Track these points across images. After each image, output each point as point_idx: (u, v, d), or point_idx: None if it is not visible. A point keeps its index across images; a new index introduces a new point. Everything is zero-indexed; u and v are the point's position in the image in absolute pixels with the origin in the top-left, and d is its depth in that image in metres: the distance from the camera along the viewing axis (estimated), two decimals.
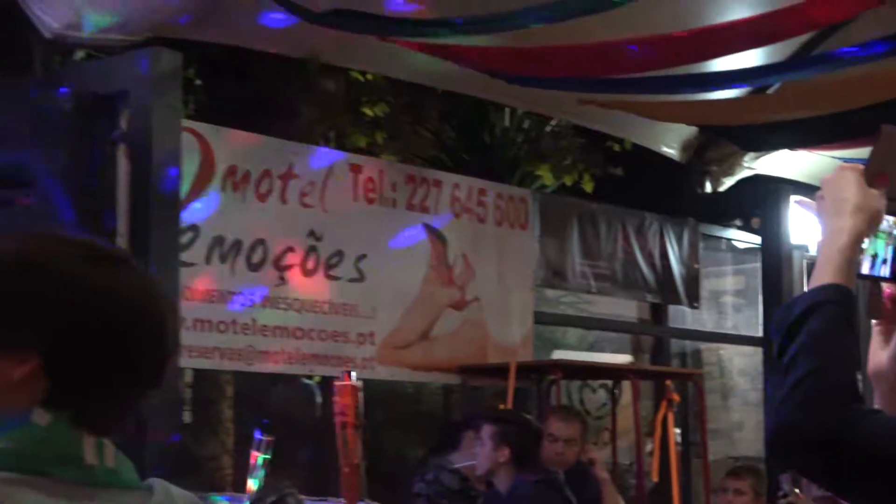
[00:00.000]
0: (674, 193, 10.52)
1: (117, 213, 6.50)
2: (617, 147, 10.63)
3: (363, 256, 8.07)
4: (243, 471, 6.11)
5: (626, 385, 9.06)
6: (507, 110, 10.30)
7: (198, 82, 7.83)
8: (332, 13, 6.82)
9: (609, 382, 9.62)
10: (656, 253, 10.16)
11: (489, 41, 7.14)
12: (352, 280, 8.02)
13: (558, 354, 9.40)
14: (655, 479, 9.01)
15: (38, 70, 6.78)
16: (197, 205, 7.19)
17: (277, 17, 6.85)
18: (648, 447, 9.27)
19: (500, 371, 8.35)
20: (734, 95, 8.40)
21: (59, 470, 1.54)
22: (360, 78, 9.27)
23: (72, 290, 1.60)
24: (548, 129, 10.70)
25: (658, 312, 10.74)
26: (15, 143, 6.00)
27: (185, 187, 6.96)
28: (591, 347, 10.98)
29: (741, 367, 12.33)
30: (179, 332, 1.76)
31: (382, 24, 7.05)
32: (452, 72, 7.79)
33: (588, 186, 10.74)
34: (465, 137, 10.15)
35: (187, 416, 8.10)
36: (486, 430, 5.70)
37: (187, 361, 6.98)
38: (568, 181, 10.67)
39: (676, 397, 9.02)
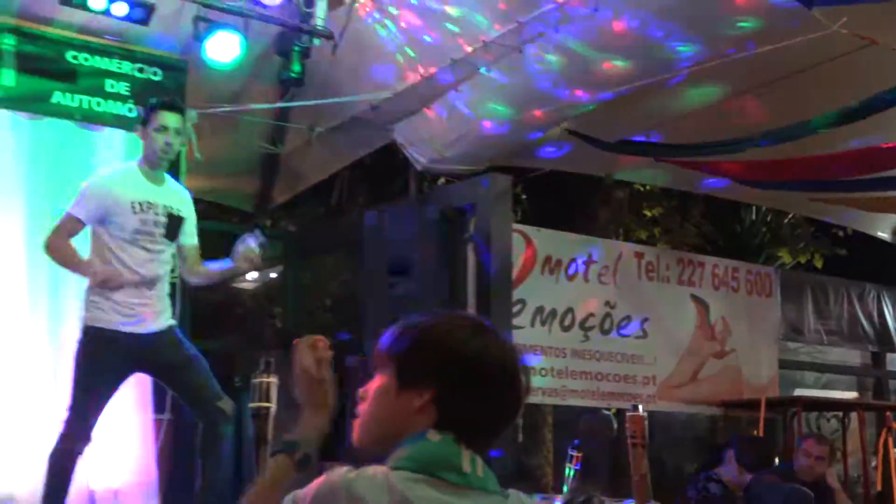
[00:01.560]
0: (888, 267, 10.05)
1: (467, 291, 6.67)
2: (841, 233, 10.24)
3: (646, 319, 8.03)
4: (560, 478, 6.13)
5: (853, 416, 8.67)
6: (754, 207, 10.04)
7: (523, 196, 7.98)
8: (620, 142, 6.87)
9: (840, 413, 9.17)
10: (874, 313, 9.76)
11: (736, 157, 7.02)
12: (637, 337, 7.98)
13: (798, 392, 9.02)
14: (879, 488, 8.53)
15: (414, 192, 7.04)
16: (524, 284, 7.32)
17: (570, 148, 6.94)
18: (873, 463, 8.84)
19: (753, 405, 8.14)
20: None
21: (445, 473, 1.58)
22: (641, 188, 9.25)
23: (457, 350, 1.66)
24: (786, 220, 10.38)
25: (878, 359, 10.26)
26: (400, 245, 6.26)
27: (514, 272, 7.11)
28: (825, 386, 10.47)
29: None
30: (529, 380, 1.75)
31: (656, 149, 7.04)
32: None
33: (818, 263, 10.36)
34: (722, 229, 9.94)
35: (520, 438, 8.23)
36: (728, 453, 5.63)
37: None
38: (802, 259, 10.33)
39: (895, 425, 8.56)
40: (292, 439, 1.82)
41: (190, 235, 4.69)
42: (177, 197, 4.69)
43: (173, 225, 4.50)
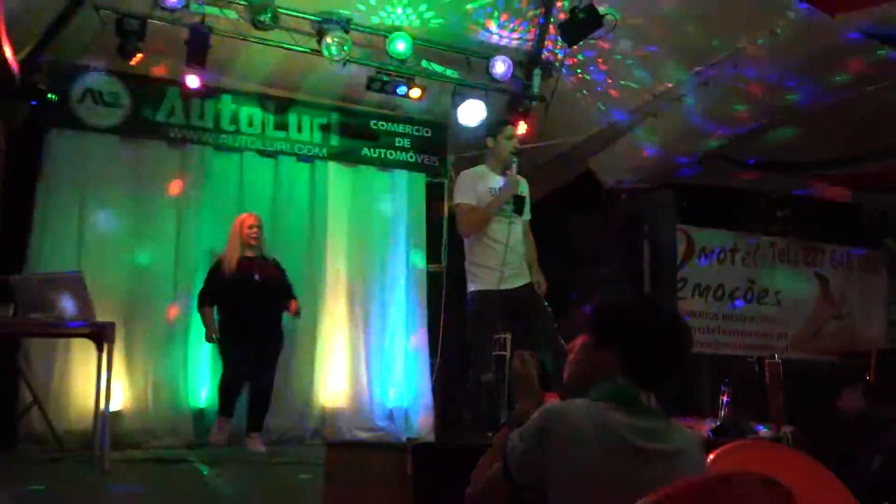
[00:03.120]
0: None
1: (644, 273, 6.57)
2: None
3: (779, 291, 7.63)
4: (716, 408, 5.94)
5: None
6: (864, 204, 9.23)
7: (684, 203, 7.71)
8: (752, 163, 6.57)
9: None
10: None
11: (842, 170, 6.59)
12: (773, 304, 7.60)
13: None
14: None
15: (604, 203, 6.98)
16: (685, 268, 7.13)
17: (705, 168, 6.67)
18: None
19: (865, 355, 7.56)
20: None
21: (628, 405, 1.61)
22: (774, 193, 8.71)
23: (637, 321, 1.69)
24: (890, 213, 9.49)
25: None
26: (593, 242, 6.25)
27: (678, 259, 6.93)
28: None
29: None
30: (690, 339, 1.73)
31: (780, 166, 6.68)
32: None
33: None
34: (839, 222, 9.20)
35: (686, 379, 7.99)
36: (845, 390, 5.28)
37: None
38: None
39: None
40: (514, 416, 1.83)
41: (526, 213, 4.43)
42: (518, 183, 4.39)
43: (518, 203, 4.29)
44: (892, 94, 4.91)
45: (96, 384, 4.21)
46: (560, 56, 5.96)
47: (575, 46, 5.55)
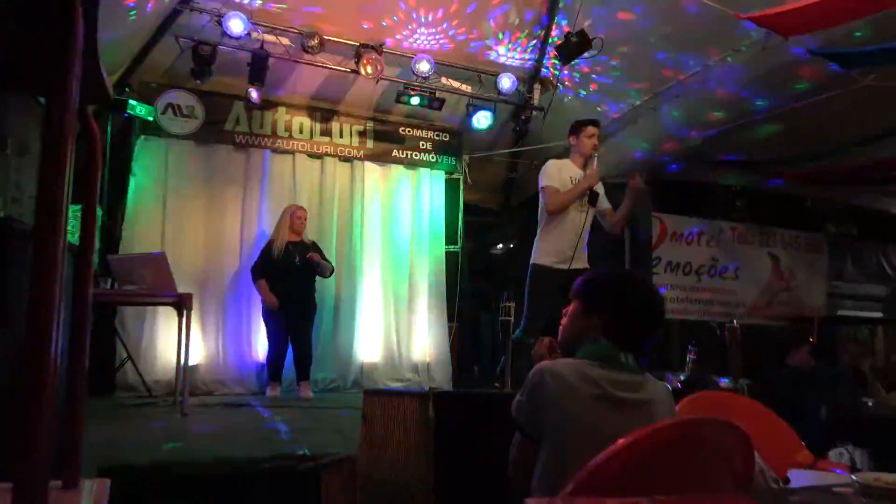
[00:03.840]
0: None
1: (625, 253, 6.50)
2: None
3: (738, 268, 7.52)
4: (684, 364, 5.89)
5: (879, 328, 7.80)
6: (809, 196, 9.01)
7: (659, 195, 7.54)
8: (719, 161, 6.44)
9: (870, 326, 8.23)
10: (893, 262, 8.57)
11: (795, 167, 6.41)
12: (732, 278, 7.49)
13: (841, 312, 8.18)
14: None
15: (592, 195, 6.84)
16: (659, 248, 7.04)
17: (677, 166, 6.55)
18: (892, 358, 7.85)
19: (809, 320, 7.46)
20: None
21: (609, 362, 1.59)
22: (734, 186, 8.54)
23: (618, 291, 1.65)
24: (831, 204, 9.26)
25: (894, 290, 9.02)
26: None
27: (654, 241, 6.85)
28: (860, 309, 9.34)
29: None
30: (664, 307, 1.68)
31: (742, 165, 6.55)
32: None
33: (854, 231, 9.16)
34: (788, 209, 9.01)
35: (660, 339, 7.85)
36: (792, 350, 5.18)
37: None
38: (843, 230, 9.16)
39: None
40: None
41: (604, 201, 4.03)
42: (598, 176, 3.98)
43: (592, 196, 3.92)
44: (837, 102, 4.79)
45: (178, 343, 4.26)
46: (556, 73, 5.88)
47: (568, 65, 5.47)
